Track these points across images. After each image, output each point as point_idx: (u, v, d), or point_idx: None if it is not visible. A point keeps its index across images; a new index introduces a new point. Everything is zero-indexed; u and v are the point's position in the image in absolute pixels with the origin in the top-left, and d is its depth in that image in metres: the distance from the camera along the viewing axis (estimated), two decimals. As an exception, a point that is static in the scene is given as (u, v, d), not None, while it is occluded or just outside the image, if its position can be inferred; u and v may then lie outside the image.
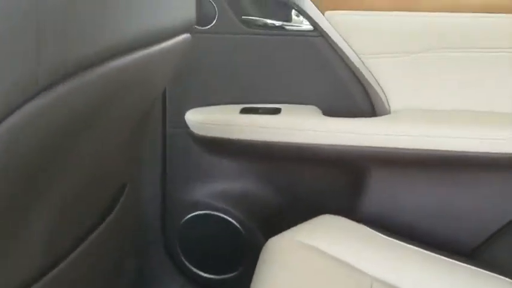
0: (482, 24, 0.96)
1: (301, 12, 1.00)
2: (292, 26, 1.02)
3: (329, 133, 0.98)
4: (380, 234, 0.86)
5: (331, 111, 1.03)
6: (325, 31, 1.00)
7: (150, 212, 1.11)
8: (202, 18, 1.01)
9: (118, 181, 0.67)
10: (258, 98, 1.06)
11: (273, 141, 1.01)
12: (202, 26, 1.02)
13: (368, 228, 0.87)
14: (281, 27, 1.02)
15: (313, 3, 0.99)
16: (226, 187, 1.09)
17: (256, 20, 1.03)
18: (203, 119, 1.04)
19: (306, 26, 1.02)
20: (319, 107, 1.04)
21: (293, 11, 1.01)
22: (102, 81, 0.40)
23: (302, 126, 1.00)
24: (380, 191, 1.01)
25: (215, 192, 1.09)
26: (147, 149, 1.06)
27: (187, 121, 1.05)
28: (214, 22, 1.01)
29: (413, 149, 0.95)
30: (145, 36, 0.46)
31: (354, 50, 1.01)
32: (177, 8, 0.55)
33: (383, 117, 1.01)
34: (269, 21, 1.02)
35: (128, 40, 0.42)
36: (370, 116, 1.02)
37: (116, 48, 0.40)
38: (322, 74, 1.03)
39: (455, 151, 0.93)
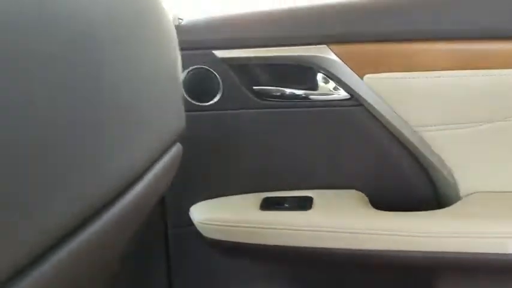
0: None
1: (332, 77, 0.76)
2: (320, 95, 0.77)
3: (380, 236, 0.73)
4: None
5: (380, 196, 0.82)
6: (365, 99, 0.75)
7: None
8: (203, 92, 0.78)
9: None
10: (283, 184, 0.83)
11: (303, 247, 0.77)
12: (203, 102, 0.79)
13: None
14: (304, 97, 0.78)
15: (348, 65, 0.74)
16: None
17: (270, 90, 0.78)
18: (212, 218, 0.81)
19: (339, 94, 0.77)
20: (365, 192, 0.83)
21: (319, 75, 0.76)
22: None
23: (342, 226, 0.75)
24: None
25: None
26: (150, 256, 0.86)
27: (192, 219, 0.83)
28: (218, 96, 0.78)
29: (498, 253, 0.70)
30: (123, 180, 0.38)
31: (405, 120, 0.76)
32: (159, 120, 0.46)
33: (452, 208, 0.78)
34: (288, 90, 0.78)
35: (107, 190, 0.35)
36: (434, 205, 0.81)
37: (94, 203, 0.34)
38: (366, 150, 0.80)
39: None
